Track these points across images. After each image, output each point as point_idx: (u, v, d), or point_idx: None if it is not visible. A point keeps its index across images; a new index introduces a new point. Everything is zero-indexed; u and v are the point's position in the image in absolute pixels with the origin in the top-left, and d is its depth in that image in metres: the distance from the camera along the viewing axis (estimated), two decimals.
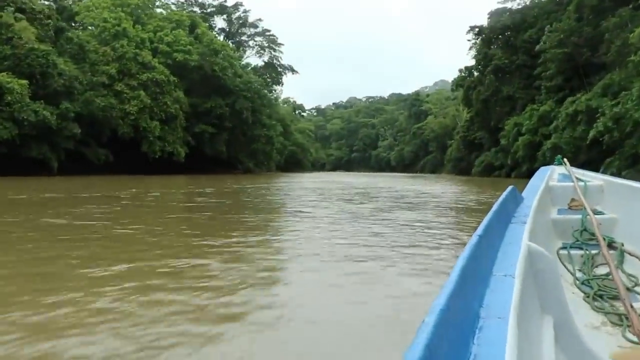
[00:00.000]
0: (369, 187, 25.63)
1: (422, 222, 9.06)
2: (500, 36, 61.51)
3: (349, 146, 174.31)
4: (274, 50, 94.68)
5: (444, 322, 0.88)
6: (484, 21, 67.03)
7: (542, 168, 4.42)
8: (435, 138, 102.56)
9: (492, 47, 62.20)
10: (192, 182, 30.81)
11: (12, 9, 39.03)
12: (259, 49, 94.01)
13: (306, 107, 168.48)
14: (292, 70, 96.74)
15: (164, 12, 59.40)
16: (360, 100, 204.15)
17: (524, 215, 2.24)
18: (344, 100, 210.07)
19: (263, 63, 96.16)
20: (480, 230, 1.46)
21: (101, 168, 42.00)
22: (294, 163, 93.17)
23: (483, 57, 62.19)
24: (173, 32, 51.59)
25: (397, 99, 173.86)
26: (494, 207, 1.89)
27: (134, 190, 20.13)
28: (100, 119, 42.29)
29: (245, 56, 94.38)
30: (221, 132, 52.65)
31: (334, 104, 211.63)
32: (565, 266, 2.81)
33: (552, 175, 4.25)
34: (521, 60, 57.80)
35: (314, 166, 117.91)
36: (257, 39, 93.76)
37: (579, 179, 3.99)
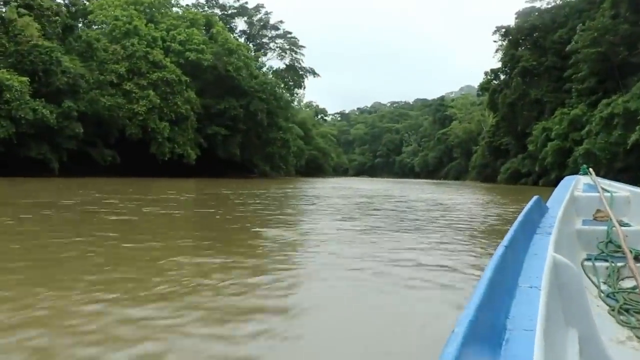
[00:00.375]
0: (378, 196, 22.89)
1: (413, 261, 5.84)
2: (528, 37, 58.24)
3: (373, 152, 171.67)
4: (295, 52, 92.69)
5: (472, 334, 0.91)
6: (511, 22, 63.61)
7: (567, 177, 4.36)
8: (460, 144, 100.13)
9: (519, 48, 58.96)
10: (175, 186, 28.57)
11: (16, 4, 37.34)
12: (280, 51, 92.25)
13: (330, 112, 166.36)
14: (314, 73, 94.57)
15: (179, 11, 57.54)
16: (384, 105, 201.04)
17: (549, 225, 2.24)
18: (369, 105, 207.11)
19: (285, 66, 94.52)
20: (505, 241, 1.47)
21: (107, 170, 40.12)
22: (315, 168, 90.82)
23: (510, 58, 59.01)
24: (186, 30, 49.59)
25: (422, 104, 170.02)
26: (519, 218, 1.90)
27: (97, 194, 17.82)
28: (106, 119, 40.45)
29: (266, 59, 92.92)
30: (235, 135, 50.46)
31: (358, 109, 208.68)
32: (589, 278, 2.69)
33: (577, 185, 4.18)
34: (550, 62, 54.55)
35: (335, 171, 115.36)
36: (278, 41, 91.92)
37: (604, 190, 3.91)
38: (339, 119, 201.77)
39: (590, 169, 4.75)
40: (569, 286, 1.65)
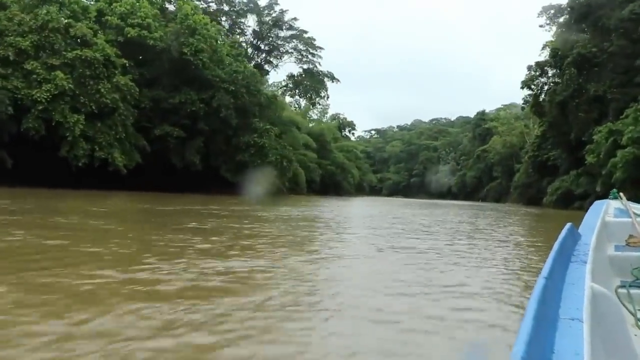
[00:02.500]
0: (377, 227, 10.09)
1: None
2: (585, 16, 43.24)
3: (408, 170, 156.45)
4: (313, 55, 79.80)
5: None
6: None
7: (596, 202, 4.03)
8: (501, 161, 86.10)
9: (574, 32, 43.95)
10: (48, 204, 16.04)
11: None
12: (296, 53, 79.54)
13: (366, 128, 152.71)
14: (332, 78, 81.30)
15: None
16: (425, 123, 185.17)
17: (583, 253, 2.21)
18: (409, 123, 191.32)
19: (301, 70, 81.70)
20: (545, 272, 1.46)
21: None
22: (331, 185, 77.21)
23: (561, 45, 44.04)
24: (132, 1, 37.18)
25: (464, 121, 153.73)
26: (555, 247, 1.87)
27: None
28: None
29: (282, 62, 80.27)
30: (194, 137, 37.69)
31: (398, 126, 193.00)
32: (625, 306, 2.38)
33: (608, 210, 3.86)
34: (616, 47, 39.76)
35: (360, 190, 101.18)
36: (294, 42, 79.32)
37: (637, 214, 3.63)
38: (375, 135, 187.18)
39: (621, 194, 4.21)
40: (608, 316, 1.60)
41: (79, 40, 33.34)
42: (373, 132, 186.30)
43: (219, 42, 41.58)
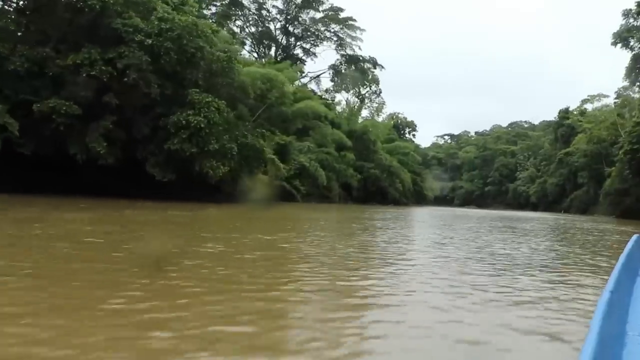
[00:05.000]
0: None
1: None
2: None
3: (483, 178, 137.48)
4: (353, 38, 65.16)
5: None
6: None
7: None
8: (587, 164, 69.66)
9: None
10: None
11: None
12: (336, 38, 65.28)
13: (439, 133, 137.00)
14: (375, 64, 65.99)
15: None
16: (504, 128, 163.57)
17: None
18: (488, 129, 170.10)
19: (340, 57, 67.34)
20: (610, 286, 1.36)
21: None
22: (377, 191, 62.33)
23: None
24: None
25: (547, 124, 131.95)
26: (621, 260, 1.73)
27: None
28: None
29: (321, 49, 66.45)
30: (100, 116, 24.54)
31: (476, 132, 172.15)
32: None
33: None
34: None
35: (421, 198, 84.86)
36: (332, 26, 65.12)
37: None
38: (448, 140, 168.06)
39: None
40: None
41: None
42: (446, 137, 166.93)
43: None
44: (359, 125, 61.90)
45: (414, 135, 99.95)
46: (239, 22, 62.44)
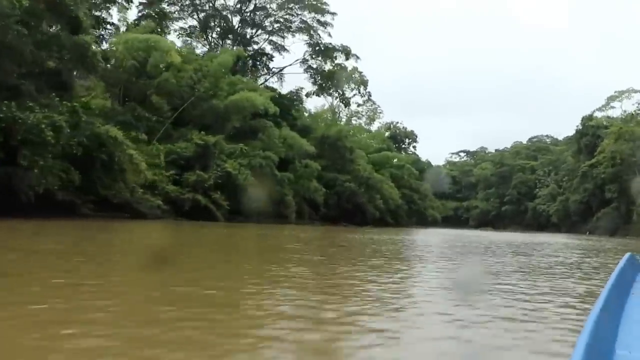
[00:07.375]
0: None
1: None
2: None
3: (500, 196, 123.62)
4: (322, 23, 53.79)
5: None
6: None
7: None
8: (616, 175, 57.85)
9: None
10: None
11: None
12: (305, 26, 53.86)
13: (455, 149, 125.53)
14: (347, 54, 54.00)
15: None
16: (524, 144, 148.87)
17: None
18: (509, 146, 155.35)
19: (308, 48, 55.66)
20: (599, 304, 1.33)
21: None
22: (356, 209, 50.46)
23: None
24: None
25: (570, 138, 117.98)
26: (612, 278, 1.66)
27: None
28: None
29: (290, 42, 55.19)
30: None
31: (496, 150, 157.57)
32: None
33: None
34: None
35: (424, 219, 72.64)
36: (299, 12, 53.88)
37: None
38: (464, 157, 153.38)
39: None
40: None
41: None
42: (462, 154, 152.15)
43: None
44: (333, 131, 50.23)
45: (414, 147, 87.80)
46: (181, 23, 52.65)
